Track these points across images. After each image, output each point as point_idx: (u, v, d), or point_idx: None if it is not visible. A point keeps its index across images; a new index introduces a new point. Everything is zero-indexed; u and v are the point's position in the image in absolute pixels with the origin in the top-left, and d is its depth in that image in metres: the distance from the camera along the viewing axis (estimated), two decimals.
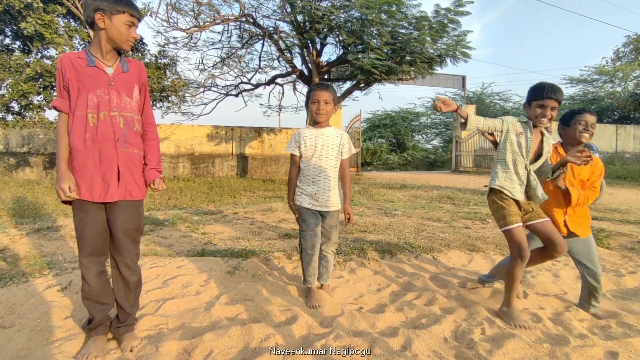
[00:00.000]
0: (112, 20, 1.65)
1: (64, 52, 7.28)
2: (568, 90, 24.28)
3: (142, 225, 1.84)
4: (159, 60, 8.85)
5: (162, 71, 8.63)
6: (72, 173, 1.67)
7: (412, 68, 9.79)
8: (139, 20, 1.75)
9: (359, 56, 8.99)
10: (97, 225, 1.71)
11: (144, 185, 1.81)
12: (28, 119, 7.83)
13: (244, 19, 9.54)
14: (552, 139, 2.23)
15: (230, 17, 9.42)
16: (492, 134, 2.29)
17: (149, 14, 8.47)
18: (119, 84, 1.72)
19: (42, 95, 7.46)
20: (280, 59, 11.06)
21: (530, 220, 2.13)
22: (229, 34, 10.60)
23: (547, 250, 2.14)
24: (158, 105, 8.98)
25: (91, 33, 7.64)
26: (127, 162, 1.73)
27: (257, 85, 12.20)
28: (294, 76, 11.81)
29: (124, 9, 1.65)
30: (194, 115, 11.60)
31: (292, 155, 2.35)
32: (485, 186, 9.99)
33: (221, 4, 9.54)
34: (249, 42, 10.79)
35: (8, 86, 7.05)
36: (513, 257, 2.08)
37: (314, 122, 2.34)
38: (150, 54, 8.96)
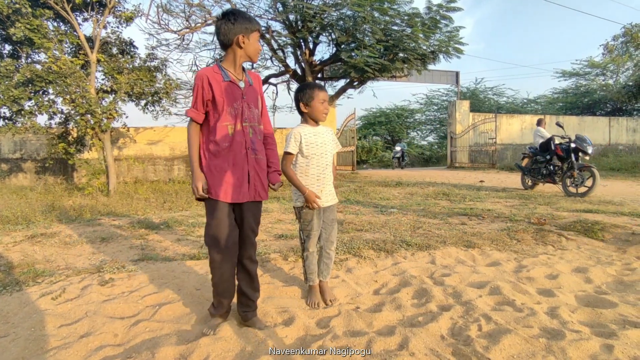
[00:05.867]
0: (250, 39, 1.91)
1: (54, 55, 7.20)
2: (561, 84, 24.45)
3: (260, 221, 2.07)
4: (148, 64, 8.77)
5: (154, 74, 8.56)
6: (209, 176, 1.88)
7: (406, 65, 9.80)
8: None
9: (352, 54, 8.99)
10: (232, 223, 1.92)
11: (267, 187, 2.06)
12: (20, 124, 7.75)
13: None
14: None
15: None
16: None
17: (139, 15, 8.40)
18: (248, 97, 1.94)
19: (32, 101, 7.38)
20: (273, 58, 11.03)
21: None
22: None
23: None
24: (150, 108, 8.90)
25: (81, 36, 7.55)
26: (255, 167, 1.96)
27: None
28: (288, 76, 11.78)
29: (257, 27, 1.94)
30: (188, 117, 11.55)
31: (289, 154, 2.27)
32: (481, 181, 10.03)
33: (212, 5, 9.50)
34: None
35: None
36: None
37: (313, 120, 2.30)
38: (140, 58, 8.88)
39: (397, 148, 19.19)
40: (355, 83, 11.02)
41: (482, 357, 1.69)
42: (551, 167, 7.48)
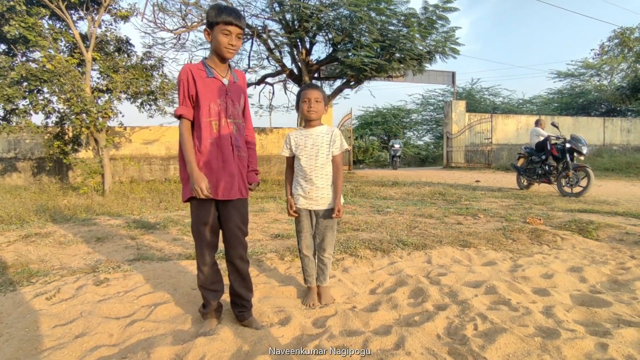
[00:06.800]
0: (214, 32, 1.85)
1: (49, 54, 7.15)
2: (556, 85, 24.61)
3: (248, 220, 2.06)
4: (145, 62, 8.73)
5: (150, 73, 8.52)
6: None
7: (402, 65, 9.82)
8: (239, 27, 1.85)
9: (349, 54, 8.99)
10: (214, 221, 1.93)
11: (247, 184, 2.06)
12: (14, 124, 7.69)
13: None
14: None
15: None
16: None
17: (135, 14, 8.36)
18: (232, 93, 1.94)
19: (27, 100, 7.32)
20: (270, 58, 11.01)
21: None
22: None
23: None
24: (146, 107, 8.86)
25: (76, 34, 7.52)
26: (239, 164, 1.96)
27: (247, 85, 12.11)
28: (284, 75, 11.77)
29: (221, 20, 1.81)
30: None
31: (286, 158, 2.40)
32: (477, 181, 10.07)
33: (209, 4, 9.45)
34: None
35: None
36: None
37: (305, 121, 2.34)
38: (136, 56, 8.84)
39: (397, 145, 17.85)
40: (352, 83, 11.03)
41: (478, 356, 1.70)
42: (546, 167, 7.52)
